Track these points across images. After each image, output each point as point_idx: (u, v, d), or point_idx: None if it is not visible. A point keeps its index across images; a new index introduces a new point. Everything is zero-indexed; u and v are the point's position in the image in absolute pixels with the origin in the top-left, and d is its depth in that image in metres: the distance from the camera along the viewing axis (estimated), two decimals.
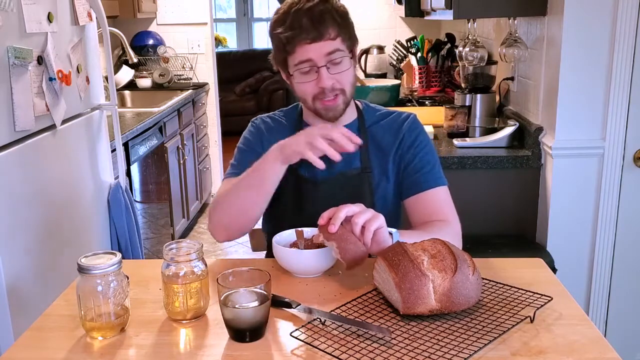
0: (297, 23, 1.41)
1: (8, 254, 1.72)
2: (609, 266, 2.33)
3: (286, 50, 1.45)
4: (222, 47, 7.86)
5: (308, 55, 1.43)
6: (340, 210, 1.26)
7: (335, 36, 1.43)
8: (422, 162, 1.55)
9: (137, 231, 2.59)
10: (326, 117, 1.51)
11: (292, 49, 1.43)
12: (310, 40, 1.41)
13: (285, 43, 1.44)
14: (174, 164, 3.79)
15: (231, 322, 1.09)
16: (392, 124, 1.60)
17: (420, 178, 1.54)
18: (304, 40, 1.41)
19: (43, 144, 1.96)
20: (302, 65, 1.44)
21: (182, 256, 1.17)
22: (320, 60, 1.43)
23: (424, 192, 1.53)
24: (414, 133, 1.58)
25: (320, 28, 1.41)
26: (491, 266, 1.37)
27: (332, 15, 1.43)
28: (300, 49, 1.43)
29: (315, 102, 1.49)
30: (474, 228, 2.42)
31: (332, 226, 1.24)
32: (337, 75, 1.46)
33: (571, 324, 1.13)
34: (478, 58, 2.77)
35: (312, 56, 1.43)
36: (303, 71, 1.45)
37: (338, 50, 1.44)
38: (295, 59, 1.45)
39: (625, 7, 2.09)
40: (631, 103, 2.18)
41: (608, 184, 2.25)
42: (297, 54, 1.44)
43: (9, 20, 1.76)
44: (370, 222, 1.25)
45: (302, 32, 1.41)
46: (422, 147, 1.57)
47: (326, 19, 1.42)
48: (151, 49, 4.65)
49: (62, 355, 1.08)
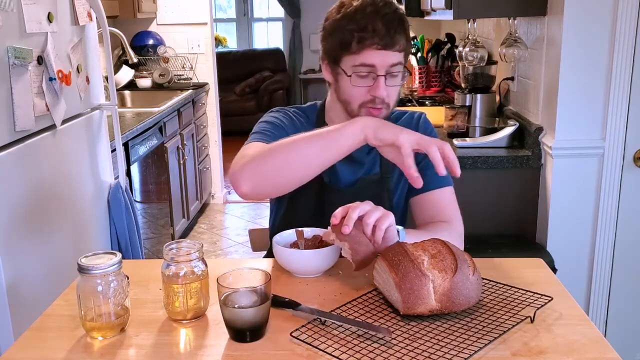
0: (372, 25, 1.36)
1: (8, 254, 1.72)
2: (609, 266, 2.33)
3: (350, 49, 1.39)
4: (222, 47, 7.86)
5: (373, 60, 1.38)
6: (353, 210, 1.24)
7: (402, 49, 1.40)
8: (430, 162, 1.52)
9: (137, 231, 2.59)
10: None
11: (359, 49, 1.38)
12: (382, 46, 1.37)
13: (353, 41, 1.38)
14: (174, 164, 3.79)
15: (231, 322, 1.09)
16: (407, 126, 1.56)
17: (427, 177, 1.51)
18: (375, 45, 1.36)
19: (43, 144, 1.96)
20: (362, 68, 1.39)
21: (182, 256, 1.17)
22: (382, 69, 1.39)
23: (430, 192, 1.53)
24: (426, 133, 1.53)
25: (395, 37, 1.37)
26: (491, 266, 1.37)
27: (404, 26, 1.40)
28: (368, 52, 1.37)
29: (362, 108, 1.44)
30: (474, 228, 2.42)
31: (346, 227, 1.22)
32: (391, 88, 1.42)
33: (571, 324, 1.13)
34: (478, 58, 2.77)
35: (377, 62, 1.38)
36: (361, 74, 1.40)
37: (400, 64, 1.41)
38: (357, 60, 1.39)
39: (625, 7, 2.09)
40: (631, 103, 2.18)
41: (608, 184, 2.25)
42: (362, 55, 1.38)
43: (9, 20, 1.76)
44: (381, 221, 1.25)
45: (375, 36, 1.36)
46: None
47: (399, 29, 1.39)
48: (151, 49, 4.65)
49: (62, 355, 1.08)
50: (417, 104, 3.43)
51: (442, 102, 3.36)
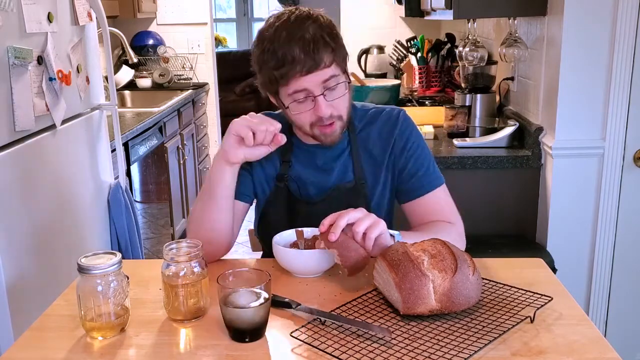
0: (289, 55, 1.31)
1: (8, 254, 1.72)
2: (609, 266, 2.33)
3: (278, 83, 1.37)
4: (222, 47, 7.86)
5: (303, 85, 1.35)
6: (341, 218, 1.24)
7: (330, 62, 1.35)
8: (416, 166, 1.50)
9: (137, 231, 2.59)
10: (325, 143, 1.45)
11: (285, 82, 1.35)
12: (306, 71, 1.33)
13: (279, 77, 1.35)
14: (174, 164, 3.79)
15: (231, 322, 1.09)
16: (382, 127, 1.53)
17: (417, 183, 1.50)
18: (298, 72, 1.32)
19: (43, 144, 1.96)
20: (298, 94, 1.37)
21: (182, 256, 1.17)
22: (317, 89, 1.36)
23: (422, 197, 1.50)
24: (404, 135, 1.51)
25: (315, 57, 1.32)
26: (491, 266, 1.37)
27: (325, 40, 1.34)
28: (294, 81, 1.34)
29: (313, 128, 1.42)
30: (474, 228, 2.41)
31: (332, 235, 1.23)
32: (334, 102, 1.38)
33: (571, 324, 1.13)
34: (478, 58, 2.77)
35: (308, 86, 1.35)
36: (299, 101, 1.38)
37: (333, 77, 1.36)
38: (289, 89, 1.37)
39: (625, 7, 2.09)
40: (631, 103, 2.18)
41: (608, 184, 2.25)
42: (290, 85, 1.35)
43: (9, 20, 1.76)
44: (371, 230, 1.25)
45: (296, 65, 1.32)
46: (414, 149, 1.51)
47: (320, 46, 1.33)
48: (151, 49, 4.65)
49: (62, 355, 1.08)
50: (417, 104, 3.42)
51: (442, 102, 3.36)
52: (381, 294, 1.22)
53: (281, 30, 1.34)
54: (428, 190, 1.50)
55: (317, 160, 1.52)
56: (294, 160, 1.52)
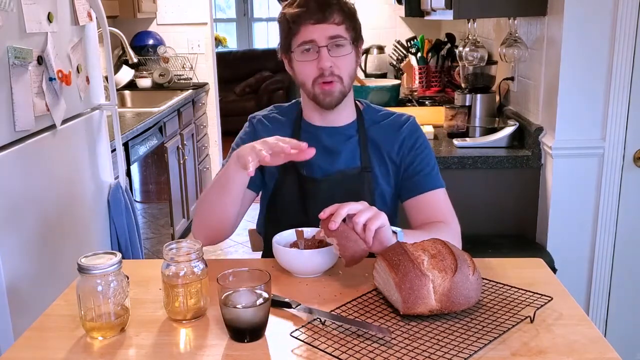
0: (304, 4, 1.46)
1: (8, 254, 1.72)
2: (609, 266, 2.33)
3: (291, 30, 1.48)
4: (222, 47, 7.86)
5: (311, 35, 1.46)
6: (343, 207, 1.26)
7: (340, 22, 1.47)
8: (421, 164, 1.56)
9: (137, 231, 2.59)
10: (324, 104, 1.52)
11: (296, 28, 1.47)
12: (315, 20, 1.45)
13: (291, 22, 1.47)
14: (174, 164, 3.79)
15: (231, 322, 1.09)
16: (393, 125, 1.60)
17: (420, 180, 1.55)
18: (308, 20, 1.45)
19: (43, 144, 1.96)
20: (305, 45, 1.47)
21: (182, 256, 1.17)
22: (322, 41, 1.46)
23: (423, 194, 1.54)
24: (414, 135, 1.59)
25: (326, 11, 1.45)
26: (491, 266, 1.37)
27: (340, 4, 1.48)
28: (304, 28, 1.46)
29: (315, 85, 1.50)
30: (474, 228, 2.42)
31: (333, 223, 1.24)
32: (337, 59, 1.48)
33: (571, 324, 1.13)
34: (478, 58, 2.77)
35: (315, 37, 1.46)
36: (305, 50, 1.48)
37: (340, 37, 1.47)
38: (298, 40, 1.48)
39: (625, 7, 2.09)
40: (631, 103, 2.18)
41: (608, 184, 2.25)
42: (300, 34, 1.47)
43: (9, 20, 1.76)
44: (372, 221, 1.25)
45: (307, 12, 1.45)
46: (422, 150, 1.58)
47: (333, 5, 1.46)
48: (151, 49, 4.65)
49: (62, 355, 1.08)
50: (417, 104, 3.43)
51: (442, 102, 3.36)
52: (381, 294, 1.22)
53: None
54: (430, 189, 1.54)
55: (323, 141, 1.57)
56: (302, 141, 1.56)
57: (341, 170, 1.56)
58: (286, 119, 1.63)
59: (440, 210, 1.53)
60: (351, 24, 1.50)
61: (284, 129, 1.60)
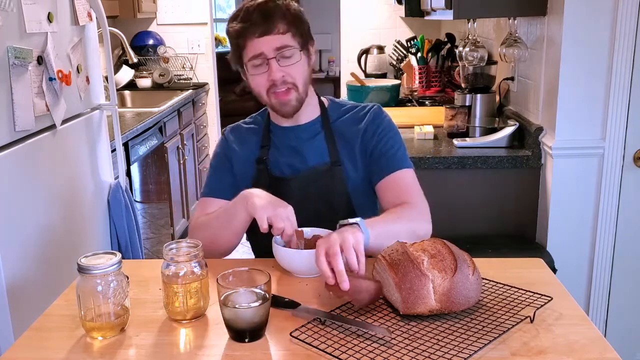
0: (247, 18, 1.47)
1: (8, 254, 1.72)
2: (609, 266, 2.33)
3: (238, 45, 1.50)
4: (222, 47, 7.85)
5: (259, 49, 1.47)
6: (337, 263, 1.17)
7: (285, 31, 1.47)
8: (386, 147, 1.57)
9: (137, 231, 2.59)
10: (282, 112, 1.55)
11: (243, 42, 1.48)
12: (259, 34, 1.46)
13: (237, 37, 1.49)
14: (174, 164, 3.79)
15: (231, 322, 1.09)
16: (356, 115, 1.63)
17: (385, 162, 1.57)
18: (253, 34, 1.46)
19: (43, 144, 1.96)
20: (254, 59, 1.48)
21: (182, 256, 1.17)
22: (270, 53, 1.47)
23: (390, 175, 1.55)
24: (376, 120, 1.61)
25: (269, 22, 1.46)
26: (491, 266, 1.37)
27: (282, 12, 1.48)
28: (250, 43, 1.47)
29: (270, 95, 1.52)
30: (474, 228, 2.43)
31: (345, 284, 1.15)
32: (287, 68, 1.49)
33: (571, 324, 1.13)
34: (478, 58, 2.77)
35: (263, 49, 1.46)
36: (255, 65, 1.49)
37: (287, 46, 1.47)
38: (247, 54, 1.49)
39: (625, 7, 2.09)
40: (631, 103, 2.18)
41: (608, 184, 2.25)
42: (248, 48, 1.48)
43: (9, 20, 1.76)
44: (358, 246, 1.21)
45: (252, 26, 1.46)
46: (385, 133, 1.59)
47: (275, 14, 1.47)
48: (151, 49, 4.65)
49: (62, 355, 1.08)
50: (417, 104, 3.43)
51: (442, 102, 3.36)
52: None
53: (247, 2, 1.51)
54: (396, 169, 1.55)
55: (289, 141, 1.61)
56: (271, 144, 1.63)
57: (311, 167, 1.58)
58: (257, 126, 1.67)
59: (407, 192, 1.52)
60: (297, 29, 1.50)
61: (254, 134, 1.65)
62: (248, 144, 1.64)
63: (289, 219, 1.34)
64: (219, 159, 1.66)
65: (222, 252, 1.52)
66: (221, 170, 1.63)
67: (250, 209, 1.38)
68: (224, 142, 1.68)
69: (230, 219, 1.45)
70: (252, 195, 1.39)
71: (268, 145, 1.63)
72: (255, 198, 1.38)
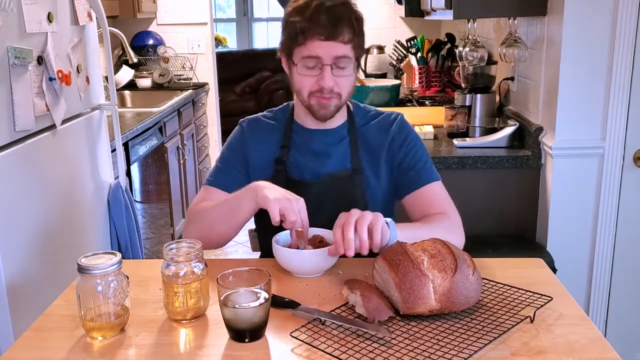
0: (315, 17, 1.41)
1: (8, 253, 1.72)
2: (609, 266, 2.33)
3: (297, 40, 1.44)
4: (222, 47, 7.86)
5: (317, 51, 1.43)
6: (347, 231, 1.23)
7: (348, 41, 1.43)
8: (414, 160, 1.56)
9: (137, 231, 2.59)
10: (317, 115, 1.52)
11: (303, 40, 1.43)
12: (325, 37, 1.41)
13: (299, 33, 1.43)
14: (174, 164, 3.79)
15: (231, 322, 1.09)
16: (382, 124, 1.60)
17: (415, 175, 1.56)
18: (318, 35, 1.41)
19: (43, 144, 1.96)
20: (309, 60, 1.44)
21: (182, 256, 1.17)
22: (327, 59, 1.43)
23: (420, 188, 1.54)
24: (403, 132, 1.59)
25: (337, 28, 1.41)
26: (491, 266, 1.37)
27: (351, 20, 1.43)
28: (311, 43, 1.42)
29: (311, 97, 1.49)
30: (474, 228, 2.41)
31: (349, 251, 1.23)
32: (339, 78, 1.46)
33: (571, 324, 1.13)
34: (478, 58, 2.77)
35: (321, 54, 1.43)
36: (308, 65, 1.45)
37: (346, 57, 1.44)
38: (303, 52, 1.44)
39: (625, 7, 2.09)
40: (631, 103, 2.18)
41: (608, 184, 2.25)
42: (307, 47, 1.43)
43: (9, 20, 1.76)
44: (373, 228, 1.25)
45: (318, 27, 1.41)
46: (412, 145, 1.58)
47: (344, 21, 1.42)
48: (151, 49, 4.65)
49: (62, 355, 1.08)
50: (417, 104, 3.43)
51: (442, 102, 3.36)
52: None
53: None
54: (426, 183, 1.54)
55: (313, 144, 1.58)
56: (292, 145, 1.59)
57: (331, 173, 1.55)
58: (277, 122, 1.63)
59: (438, 203, 1.52)
60: (359, 41, 1.47)
61: (275, 131, 1.61)
62: (267, 142, 1.59)
63: (300, 212, 1.32)
64: (233, 151, 1.61)
65: (217, 242, 1.50)
66: (232, 164, 1.59)
67: (261, 200, 1.34)
68: (240, 134, 1.63)
69: (234, 210, 1.42)
70: (262, 187, 1.37)
71: (289, 146, 1.58)
72: (266, 190, 1.35)
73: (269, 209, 1.31)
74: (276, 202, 1.31)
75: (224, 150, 1.64)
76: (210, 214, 1.48)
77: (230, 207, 1.43)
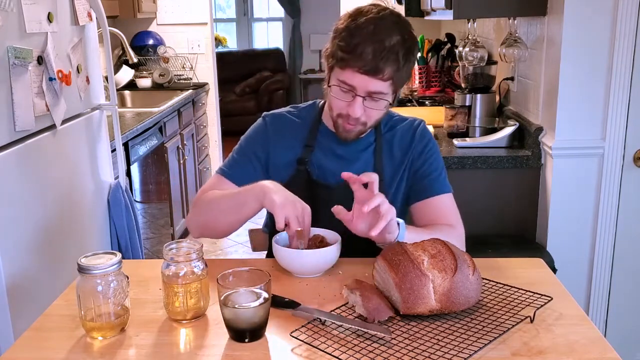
0: (361, 47, 1.36)
1: (8, 253, 1.72)
2: (609, 266, 2.33)
3: (337, 62, 1.41)
4: (222, 47, 7.86)
5: (354, 81, 1.39)
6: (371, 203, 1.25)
7: (388, 78, 1.39)
8: (430, 169, 1.56)
9: (137, 231, 2.59)
10: (340, 135, 1.51)
11: (343, 66, 1.40)
12: (364, 71, 1.37)
13: (340, 58, 1.40)
14: (174, 164, 3.79)
15: (231, 322, 1.09)
16: (406, 132, 1.59)
17: (428, 184, 1.55)
18: (357, 67, 1.37)
19: (43, 144, 1.96)
20: (344, 85, 1.41)
21: (182, 256, 1.17)
22: (361, 92, 1.40)
23: (430, 198, 1.54)
24: (424, 140, 1.58)
25: (379, 65, 1.36)
26: (491, 266, 1.37)
27: (397, 56, 1.37)
28: (350, 71, 1.38)
29: (339, 118, 1.48)
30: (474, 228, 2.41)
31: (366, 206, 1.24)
32: (370, 110, 1.44)
33: (571, 324, 1.13)
34: (478, 58, 2.77)
35: (356, 84, 1.39)
36: (342, 89, 1.42)
37: (381, 93, 1.41)
38: (340, 76, 1.41)
39: (625, 7, 2.09)
40: (631, 103, 2.18)
41: (608, 183, 2.25)
42: (344, 73, 1.40)
43: (9, 20, 1.76)
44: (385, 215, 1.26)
45: (360, 60, 1.36)
46: (431, 154, 1.57)
47: (390, 58, 1.37)
48: (151, 49, 4.65)
49: (62, 355, 1.08)
50: (417, 104, 3.42)
51: (442, 102, 3.36)
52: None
53: (371, 23, 1.38)
54: (437, 193, 1.54)
55: (338, 148, 1.56)
56: (316, 146, 1.57)
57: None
58: (303, 121, 1.60)
59: (446, 215, 1.52)
60: (399, 79, 1.41)
61: (299, 130, 1.58)
62: (291, 140, 1.56)
63: (304, 220, 1.33)
64: (252, 145, 1.58)
65: (220, 233, 1.51)
66: (248, 158, 1.56)
67: (268, 204, 1.34)
68: (262, 128, 1.60)
69: (239, 205, 1.41)
70: (269, 189, 1.35)
71: (312, 147, 1.56)
72: (273, 194, 1.34)
73: (274, 214, 1.32)
74: (282, 209, 1.31)
75: (242, 142, 1.60)
76: (216, 205, 1.47)
77: (236, 202, 1.43)
